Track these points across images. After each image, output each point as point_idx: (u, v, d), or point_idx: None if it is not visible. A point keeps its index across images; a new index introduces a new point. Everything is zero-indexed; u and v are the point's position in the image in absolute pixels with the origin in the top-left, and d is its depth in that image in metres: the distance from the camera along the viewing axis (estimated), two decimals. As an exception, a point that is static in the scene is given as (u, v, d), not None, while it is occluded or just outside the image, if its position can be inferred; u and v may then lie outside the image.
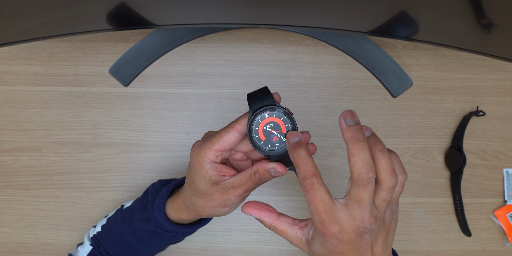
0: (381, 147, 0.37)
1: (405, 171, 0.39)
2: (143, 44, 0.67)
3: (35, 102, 0.67)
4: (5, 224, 0.66)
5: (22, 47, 0.68)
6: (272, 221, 0.41)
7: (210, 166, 0.42)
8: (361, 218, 0.37)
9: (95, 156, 0.67)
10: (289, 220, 0.41)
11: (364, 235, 0.37)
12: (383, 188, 0.37)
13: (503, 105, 0.68)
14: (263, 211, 0.41)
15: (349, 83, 0.68)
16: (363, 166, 0.36)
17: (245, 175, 0.43)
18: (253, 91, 0.42)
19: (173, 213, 0.49)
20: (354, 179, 0.36)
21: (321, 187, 0.37)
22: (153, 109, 0.67)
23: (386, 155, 0.37)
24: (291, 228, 0.41)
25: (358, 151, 0.36)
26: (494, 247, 0.66)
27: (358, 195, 0.36)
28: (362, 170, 0.36)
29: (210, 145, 0.42)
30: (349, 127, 0.37)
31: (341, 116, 0.37)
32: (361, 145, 0.36)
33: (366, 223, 0.37)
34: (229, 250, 0.66)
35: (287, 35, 0.69)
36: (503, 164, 0.67)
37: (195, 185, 0.44)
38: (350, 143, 0.36)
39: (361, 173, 0.36)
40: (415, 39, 0.55)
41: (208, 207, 0.45)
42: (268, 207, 0.42)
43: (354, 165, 0.36)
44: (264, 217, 0.41)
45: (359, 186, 0.36)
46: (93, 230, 0.56)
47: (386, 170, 0.37)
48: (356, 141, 0.36)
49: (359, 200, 0.36)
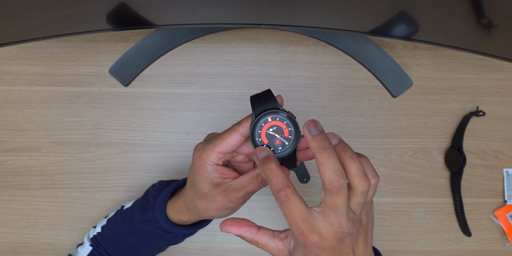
0: (350, 153, 0.37)
1: (377, 174, 0.40)
2: (143, 44, 0.67)
3: (35, 102, 0.67)
4: (5, 224, 0.66)
5: (22, 47, 0.68)
6: (252, 235, 0.41)
7: (212, 168, 0.42)
8: (339, 224, 0.37)
9: (95, 156, 0.67)
10: (269, 233, 0.41)
11: (344, 240, 0.37)
12: (356, 193, 0.37)
13: (503, 105, 0.68)
14: (242, 226, 0.41)
15: (349, 83, 0.68)
16: (333, 174, 0.36)
17: (247, 177, 0.43)
18: (256, 94, 0.42)
19: (173, 215, 0.49)
20: (327, 187, 0.36)
21: (296, 197, 0.37)
22: (153, 109, 0.67)
23: (356, 160, 0.37)
24: (272, 240, 0.41)
25: (326, 159, 0.36)
26: (494, 247, 0.66)
27: (333, 202, 0.36)
28: (333, 177, 0.36)
29: (212, 148, 0.42)
30: (313, 137, 0.37)
31: (304, 127, 0.38)
32: (328, 153, 0.36)
33: (345, 227, 0.37)
34: (229, 250, 0.66)
35: (287, 35, 0.69)
36: (503, 164, 0.67)
37: (197, 187, 0.44)
38: (317, 152, 0.37)
39: (333, 181, 0.36)
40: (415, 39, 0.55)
41: (209, 209, 0.45)
42: (246, 222, 0.42)
43: (325, 173, 0.36)
44: (244, 232, 0.41)
45: (332, 193, 0.36)
46: (93, 230, 0.56)
47: (357, 175, 0.37)
48: (322, 150, 0.36)
49: (334, 207, 0.37)
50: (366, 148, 0.67)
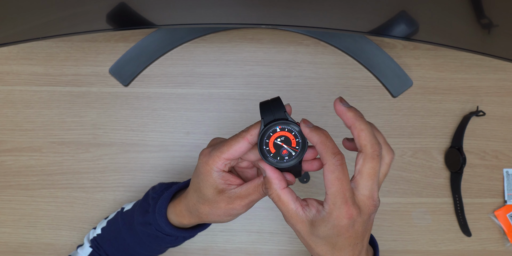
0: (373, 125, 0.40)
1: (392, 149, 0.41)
2: (143, 44, 0.67)
3: (35, 102, 0.67)
4: (5, 224, 0.66)
5: (22, 47, 0.68)
6: (278, 187, 0.40)
7: (217, 175, 0.42)
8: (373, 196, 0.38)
9: (95, 156, 0.67)
10: (293, 194, 0.40)
11: (372, 215, 0.38)
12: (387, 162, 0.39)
13: (503, 105, 0.68)
14: (276, 173, 0.40)
15: (349, 83, 0.68)
16: (373, 139, 0.37)
17: (252, 185, 0.42)
18: (266, 101, 0.42)
19: (174, 218, 0.49)
20: (368, 151, 0.37)
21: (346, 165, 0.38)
22: (153, 109, 0.67)
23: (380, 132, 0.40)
24: (293, 202, 0.40)
25: (366, 125, 0.38)
26: (494, 247, 0.66)
27: (373, 169, 0.37)
28: (375, 141, 0.37)
29: (219, 154, 0.42)
30: (348, 108, 0.38)
31: (337, 101, 0.39)
32: (365, 121, 0.38)
33: (376, 200, 0.38)
34: (229, 250, 0.66)
35: (287, 35, 0.69)
36: (503, 164, 0.67)
37: (201, 192, 0.44)
38: (356, 120, 0.38)
39: (374, 145, 0.37)
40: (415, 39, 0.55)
41: (212, 215, 0.45)
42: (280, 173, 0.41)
43: (366, 138, 0.37)
44: (275, 179, 0.40)
45: (373, 158, 0.37)
46: (93, 232, 0.56)
47: (386, 144, 0.39)
48: (360, 117, 0.38)
49: (373, 174, 0.37)
50: (366, 148, 0.67)
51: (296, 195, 0.41)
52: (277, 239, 0.66)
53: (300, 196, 0.66)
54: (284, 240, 0.66)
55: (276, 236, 0.66)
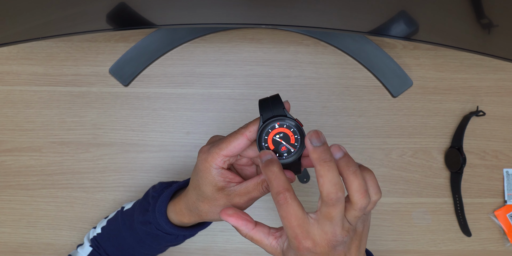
0: (353, 168, 0.37)
1: (379, 190, 0.39)
2: (143, 44, 0.67)
3: (35, 102, 0.67)
4: (5, 224, 0.66)
5: (22, 47, 0.68)
6: (248, 230, 0.41)
7: (217, 172, 0.42)
8: (333, 233, 0.37)
9: (95, 156, 0.67)
10: (265, 230, 0.41)
11: (337, 247, 0.38)
12: (355, 208, 0.37)
13: (503, 105, 0.68)
14: (240, 220, 0.41)
15: (349, 83, 0.68)
16: (331, 187, 0.36)
17: (251, 183, 0.43)
18: (265, 98, 0.42)
19: (174, 216, 0.49)
20: (324, 199, 0.36)
21: (294, 201, 0.37)
22: (153, 109, 0.67)
23: (359, 176, 0.37)
24: (266, 238, 0.41)
25: (326, 172, 0.36)
26: (494, 247, 0.66)
27: (329, 213, 0.37)
28: (331, 190, 0.36)
29: (218, 151, 0.42)
30: (315, 148, 0.37)
31: (307, 137, 0.37)
32: (328, 165, 0.36)
33: (338, 236, 0.37)
34: (229, 250, 0.66)
35: (287, 35, 0.69)
36: (503, 164, 0.67)
37: (201, 189, 0.44)
38: (317, 164, 0.36)
39: (330, 193, 0.36)
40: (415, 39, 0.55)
41: (211, 212, 0.45)
42: (245, 216, 0.42)
43: (323, 185, 0.36)
44: (241, 225, 0.41)
45: (329, 205, 0.36)
46: (93, 231, 0.56)
47: (358, 191, 0.37)
48: (323, 162, 0.36)
49: (330, 218, 0.37)
50: (366, 148, 0.67)
51: (269, 228, 0.41)
52: (277, 239, 0.66)
53: (300, 196, 0.67)
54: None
55: (276, 236, 0.66)
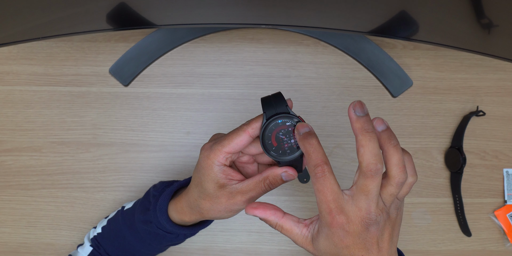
0: (395, 142, 0.37)
1: (416, 173, 0.39)
2: (143, 44, 0.67)
3: (35, 102, 0.67)
4: (5, 224, 0.66)
5: (22, 47, 0.68)
6: (277, 219, 0.41)
7: (219, 169, 0.42)
8: (368, 209, 0.37)
9: (95, 156, 0.67)
10: (294, 219, 0.41)
11: (370, 227, 0.37)
12: (392, 183, 0.37)
13: (503, 105, 0.68)
14: (267, 210, 0.41)
15: (349, 83, 0.68)
16: (372, 157, 0.36)
17: (253, 181, 0.42)
18: (267, 96, 0.42)
19: (175, 215, 0.49)
20: (363, 169, 0.36)
21: (331, 175, 0.37)
22: (153, 109, 0.67)
23: (399, 151, 0.37)
24: (297, 226, 0.40)
25: (367, 142, 0.36)
26: (494, 247, 0.66)
27: (366, 186, 0.36)
28: (371, 161, 0.36)
29: (220, 148, 0.42)
30: (358, 118, 0.37)
31: (350, 107, 0.37)
32: (370, 136, 0.36)
33: (372, 214, 0.37)
34: (229, 250, 0.66)
35: (287, 35, 0.69)
36: (503, 164, 0.67)
37: (202, 187, 0.44)
38: (359, 134, 0.36)
39: (370, 164, 0.36)
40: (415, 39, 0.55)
41: (213, 210, 0.45)
42: (272, 206, 0.41)
43: (363, 156, 0.36)
44: (270, 216, 0.40)
45: (367, 176, 0.36)
46: (93, 231, 0.56)
47: (397, 165, 0.37)
48: (365, 132, 0.36)
49: (366, 191, 0.36)
50: (366, 148, 0.67)
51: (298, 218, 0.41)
52: (277, 239, 0.66)
53: (300, 196, 0.67)
54: (284, 240, 0.66)
55: (276, 236, 0.66)
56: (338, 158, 0.67)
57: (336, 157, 0.67)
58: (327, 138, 0.67)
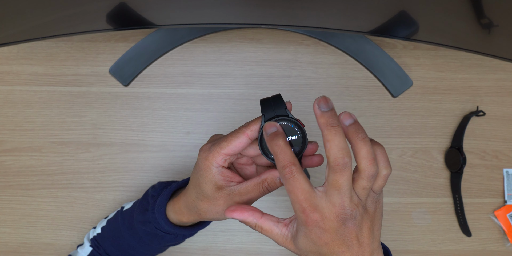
0: (362, 135, 0.37)
1: (389, 165, 0.39)
2: (143, 44, 0.67)
3: (35, 102, 0.67)
4: (5, 224, 0.66)
5: (22, 47, 0.68)
6: (256, 220, 0.40)
7: (217, 170, 0.42)
8: (341, 204, 0.36)
9: (95, 156, 0.67)
10: (273, 219, 0.41)
11: (347, 222, 0.37)
12: (362, 176, 0.37)
13: (503, 105, 0.68)
14: (245, 211, 0.41)
15: (349, 83, 0.68)
16: (338, 151, 0.36)
17: (251, 183, 0.42)
18: (267, 98, 0.42)
19: (174, 215, 0.49)
20: (331, 164, 0.36)
21: (300, 175, 0.37)
22: (153, 109, 0.67)
23: (368, 144, 0.37)
24: (276, 225, 0.40)
25: (333, 136, 0.36)
26: (494, 247, 0.66)
27: (336, 181, 0.36)
28: (338, 155, 0.36)
29: (219, 149, 0.42)
30: (323, 113, 0.37)
31: (315, 103, 0.37)
32: (335, 130, 0.36)
33: (347, 209, 0.36)
34: (229, 250, 0.66)
35: (287, 35, 0.69)
36: (503, 164, 0.67)
37: (201, 188, 0.44)
38: (324, 129, 0.36)
39: (337, 158, 0.36)
40: (415, 39, 0.55)
41: (211, 212, 0.45)
42: (250, 207, 0.41)
43: (330, 150, 0.36)
44: (248, 217, 0.40)
45: (336, 171, 0.36)
46: (93, 231, 0.56)
47: (366, 158, 0.37)
48: (330, 126, 0.36)
49: (337, 186, 0.36)
50: (366, 148, 0.67)
51: (277, 218, 0.41)
52: (277, 239, 0.66)
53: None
54: (284, 240, 0.66)
55: (276, 236, 0.66)
56: (338, 158, 0.67)
57: (336, 157, 0.67)
58: (327, 138, 0.67)
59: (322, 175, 0.67)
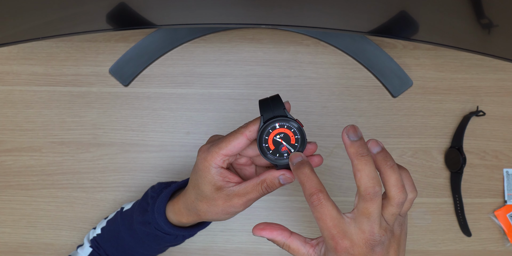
0: (391, 163, 0.37)
1: (415, 189, 0.40)
2: (143, 44, 0.67)
3: (35, 102, 0.67)
4: (5, 224, 0.66)
5: (22, 47, 0.68)
6: (285, 239, 0.41)
7: (216, 171, 0.42)
8: (371, 231, 0.37)
9: (95, 156, 0.67)
10: (301, 238, 0.41)
11: (375, 248, 0.37)
12: (392, 203, 0.37)
13: (503, 105, 0.68)
14: (274, 230, 0.41)
15: (349, 83, 0.68)
16: (369, 181, 0.36)
17: (250, 184, 0.42)
18: (265, 98, 0.42)
19: (173, 216, 0.49)
20: (361, 193, 0.36)
21: (328, 202, 0.37)
22: (153, 109, 0.67)
23: (396, 171, 0.37)
24: (304, 246, 0.41)
25: (363, 166, 0.36)
26: (494, 247, 0.66)
27: (366, 209, 0.36)
28: (369, 184, 0.36)
29: (218, 150, 0.42)
30: (352, 142, 0.37)
31: (344, 132, 0.37)
32: (365, 160, 0.36)
33: (376, 235, 0.37)
34: (229, 250, 0.66)
35: (287, 35, 0.69)
36: (503, 164, 0.67)
37: (200, 189, 0.44)
38: (354, 158, 0.37)
39: (368, 188, 0.36)
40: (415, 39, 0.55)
41: (210, 212, 0.45)
42: (279, 226, 0.42)
43: (360, 180, 0.36)
44: (277, 236, 0.41)
45: (366, 200, 0.36)
46: (92, 232, 0.56)
47: (395, 186, 0.37)
48: (360, 156, 0.36)
49: (368, 214, 0.37)
50: (366, 148, 0.67)
51: (305, 238, 0.41)
52: (277, 239, 0.66)
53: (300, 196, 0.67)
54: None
55: (276, 236, 0.66)
56: (338, 158, 0.67)
57: (336, 157, 0.67)
58: (327, 138, 0.67)
59: (323, 175, 0.67)
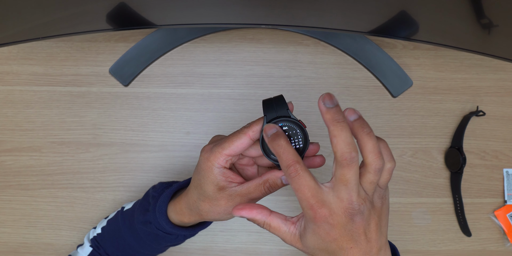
0: (368, 130, 0.37)
1: (393, 159, 0.39)
2: (143, 44, 0.67)
3: (35, 102, 0.67)
4: (5, 224, 0.66)
5: (22, 47, 0.68)
6: (264, 218, 0.40)
7: (218, 171, 0.42)
8: (349, 199, 0.36)
9: (95, 156, 0.67)
10: (282, 217, 0.41)
11: (355, 218, 0.37)
12: (369, 170, 0.37)
13: (503, 105, 0.68)
14: (253, 209, 0.41)
15: (349, 83, 0.68)
16: (345, 146, 0.36)
17: (253, 184, 0.42)
18: (269, 98, 0.42)
19: (174, 216, 0.49)
20: (338, 159, 0.36)
21: (305, 172, 0.37)
22: (153, 109, 0.67)
23: (373, 138, 0.37)
24: (284, 223, 0.40)
25: (339, 132, 0.36)
26: (494, 247, 0.66)
27: (343, 175, 0.36)
28: (345, 149, 0.36)
29: (221, 150, 0.42)
30: (328, 109, 0.37)
31: (320, 99, 0.37)
32: (341, 126, 0.36)
33: (355, 204, 0.36)
34: (229, 250, 0.66)
35: (287, 35, 0.69)
36: (503, 164, 0.67)
37: (202, 189, 0.44)
38: (330, 124, 0.37)
39: (344, 153, 0.36)
40: (415, 39, 0.55)
41: (212, 212, 0.45)
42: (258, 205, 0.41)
43: (337, 145, 0.36)
44: (256, 215, 0.40)
45: (343, 166, 0.36)
46: (93, 231, 0.56)
47: (372, 152, 0.37)
48: (336, 122, 0.36)
49: (345, 181, 0.36)
50: (366, 148, 0.67)
51: (285, 216, 0.41)
52: (277, 239, 0.66)
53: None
54: (284, 240, 0.66)
55: (276, 236, 0.66)
56: (338, 158, 0.67)
57: (336, 157, 0.67)
58: (327, 138, 0.67)
59: (323, 175, 0.67)
